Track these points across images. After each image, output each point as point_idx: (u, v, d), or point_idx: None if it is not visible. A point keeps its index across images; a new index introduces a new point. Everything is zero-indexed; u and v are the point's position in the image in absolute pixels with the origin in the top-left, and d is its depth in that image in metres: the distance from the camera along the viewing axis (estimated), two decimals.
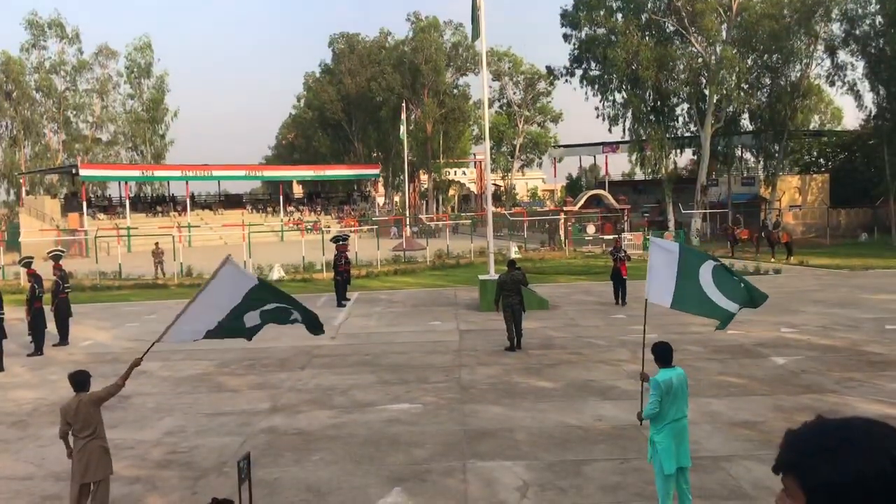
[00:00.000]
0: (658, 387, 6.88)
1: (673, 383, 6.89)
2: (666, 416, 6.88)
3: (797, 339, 15.47)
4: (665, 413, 6.88)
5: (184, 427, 10.72)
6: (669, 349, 7.19)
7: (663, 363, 7.11)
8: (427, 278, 29.94)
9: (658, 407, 6.87)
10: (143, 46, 69.18)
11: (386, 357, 14.96)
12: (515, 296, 15.18)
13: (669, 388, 6.86)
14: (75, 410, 7.09)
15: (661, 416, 6.90)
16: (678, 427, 6.93)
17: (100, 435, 7.21)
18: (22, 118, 63.98)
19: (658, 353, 7.19)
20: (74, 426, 7.09)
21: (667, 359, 7.12)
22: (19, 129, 64.15)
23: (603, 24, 45.84)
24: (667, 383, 6.87)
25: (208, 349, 16.36)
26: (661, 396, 6.85)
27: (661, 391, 6.85)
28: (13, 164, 64.04)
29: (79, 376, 7.42)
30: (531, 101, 75.77)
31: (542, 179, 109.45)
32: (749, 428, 9.85)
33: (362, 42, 77.67)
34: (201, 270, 30.85)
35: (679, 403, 6.95)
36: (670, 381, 6.89)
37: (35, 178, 64.52)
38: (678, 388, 6.93)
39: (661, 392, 6.85)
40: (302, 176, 72.75)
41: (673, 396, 6.90)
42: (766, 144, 47.82)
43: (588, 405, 11.11)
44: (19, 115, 63.85)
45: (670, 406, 6.89)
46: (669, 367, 7.06)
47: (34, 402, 12.47)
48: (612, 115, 48.47)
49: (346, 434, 10.10)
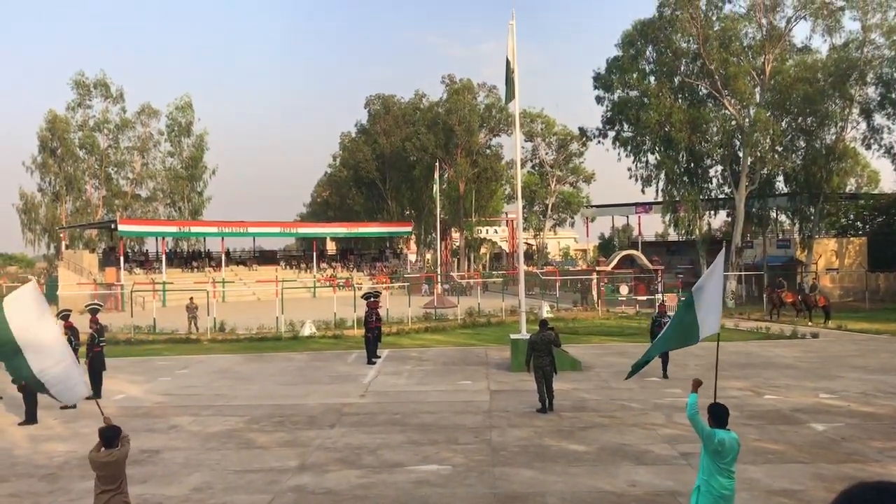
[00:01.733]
0: (711, 436, 6.94)
1: (725, 444, 6.91)
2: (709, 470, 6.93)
3: (837, 405, 15.07)
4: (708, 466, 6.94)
5: (212, 484, 10.66)
6: (726, 411, 7.20)
7: (718, 424, 7.10)
8: (458, 336, 29.80)
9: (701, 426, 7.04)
10: (184, 106, 71.02)
11: (416, 416, 14.82)
12: (547, 356, 15.04)
13: (720, 448, 6.89)
14: (104, 464, 7.19)
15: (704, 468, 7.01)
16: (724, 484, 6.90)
17: (123, 490, 7.41)
18: (65, 174, 65.66)
19: (714, 413, 7.19)
20: (101, 479, 7.20)
21: (722, 420, 7.13)
22: (62, 184, 65.80)
23: (636, 86, 46.22)
24: (719, 442, 6.90)
25: (238, 405, 16.40)
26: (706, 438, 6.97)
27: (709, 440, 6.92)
28: (55, 219, 65.52)
29: (109, 432, 7.52)
30: (563, 161, 76.14)
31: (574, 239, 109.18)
32: (788, 497, 9.55)
33: (397, 103, 79.02)
34: (234, 325, 31.06)
35: (725, 465, 6.95)
36: (721, 442, 6.91)
37: (75, 233, 65.85)
38: (730, 449, 6.94)
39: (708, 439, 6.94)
40: (335, 233, 73.43)
41: (721, 456, 6.91)
42: (802, 207, 47.39)
43: (622, 470, 10.87)
44: (62, 172, 65.57)
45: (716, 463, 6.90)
46: (724, 430, 7.05)
47: (65, 454, 12.51)
48: (645, 176, 48.51)
49: (374, 495, 9.97)
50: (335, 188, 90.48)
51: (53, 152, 65.22)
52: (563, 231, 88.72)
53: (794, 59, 45.03)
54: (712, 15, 44.13)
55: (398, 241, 77.03)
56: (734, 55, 42.99)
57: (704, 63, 43.06)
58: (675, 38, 44.29)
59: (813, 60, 44.05)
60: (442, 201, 63.58)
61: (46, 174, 65.86)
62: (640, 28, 45.49)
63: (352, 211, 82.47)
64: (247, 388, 18.67)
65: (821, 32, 43.69)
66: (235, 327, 30.92)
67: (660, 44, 45.29)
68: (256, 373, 21.08)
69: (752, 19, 43.43)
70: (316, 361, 23.29)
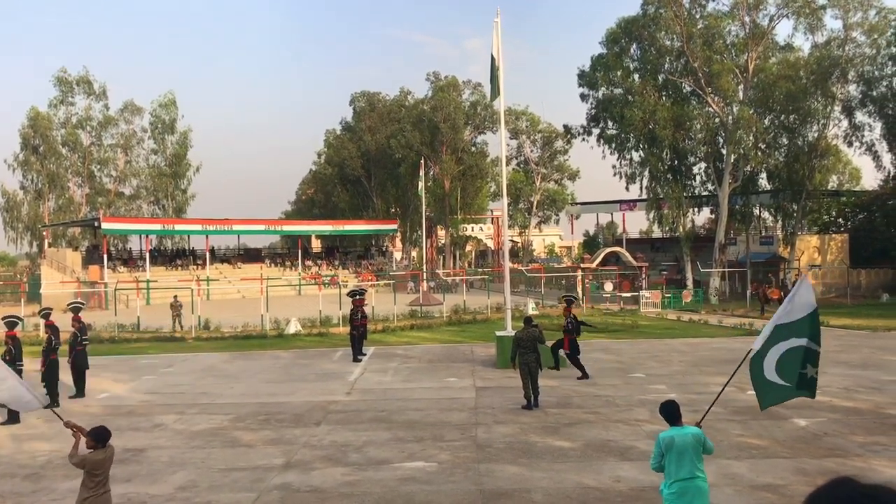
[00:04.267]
0: (658, 443, 7.04)
1: (675, 441, 6.90)
2: (671, 474, 6.90)
3: (819, 400, 15.13)
4: (670, 470, 6.92)
5: (196, 482, 10.63)
6: (675, 407, 7.21)
7: (669, 421, 7.14)
8: (443, 334, 29.83)
9: (657, 461, 7.04)
10: (168, 103, 70.73)
11: (401, 413, 14.83)
12: (532, 353, 15.08)
13: (670, 446, 6.90)
14: (100, 462, 7.32)
15: (667, 473, 6.96)
16: (687, 486, 6.85)
17: (108, 488, 7.48)
18: (48, 172, 65.21)
19: (663, 411, 7.26)
20: (97, 478, 7.28)
21: (671, 417, 7.15)
22: (45, 182, 65.33)
23: (620, 84, 46.45)
24: (666, 440, 6.94)
25: (223, 403, 16.35)
26: (660, 452, 6.99)
27: (660, 447, 6.98)
28: (37, 217, 65.05)
29: (104, 432, 7.57)
30: (548, 158, 76.30)
31: (559, 236, 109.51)
32: (771, 492, 9.64)
33: (383, 100, 78.94)
34: (219, 323, 30.95)
35: (685, 463, 6.88)
36: (671, 439, 6.92)
37: (58, 231, 65.41)
38: (683, 446, 6.89)
39: (659, 448, 7.00)
40: (321, 231, 73.27)
41: (677, 454, 6.89)
42: (785, 204, 47.75)
43: (607, 466, 10.93)
44: (45, 169, 65.10)
45: (674, 464, 6.89)
46: (678, 426, 7.06)
47: (49, 454, 12.43)
48: (630, 174, 48.81)
49: (360, 492, 9.97)
50: (320, 186, 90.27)
51: (36, 150, 64.77)
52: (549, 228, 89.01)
53: (777, 56, 45.36)
54: (696, 13, 44.40)
55: (384, 239, 77.01)
56: (718, 53, 43.28)
57: (688, 61, 43.31)
58: (659, 36, 44.53)
59: (795, 58, 44.40)
60: (427, 199, 63.58)
61: (29, 172, 65.39)
62: (625, 26, 45.70)
63: (337, 208, 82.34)
64: (232, 386, 18.61)
65: (803, 31, 44.14)
66: (220, 325, 30.82)
67: (644, 41, 45.53)
68: (242, 371, 21.02)
69: (735, 17, 43.72)
70: (301, 359, 23.25)
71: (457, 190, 72.23)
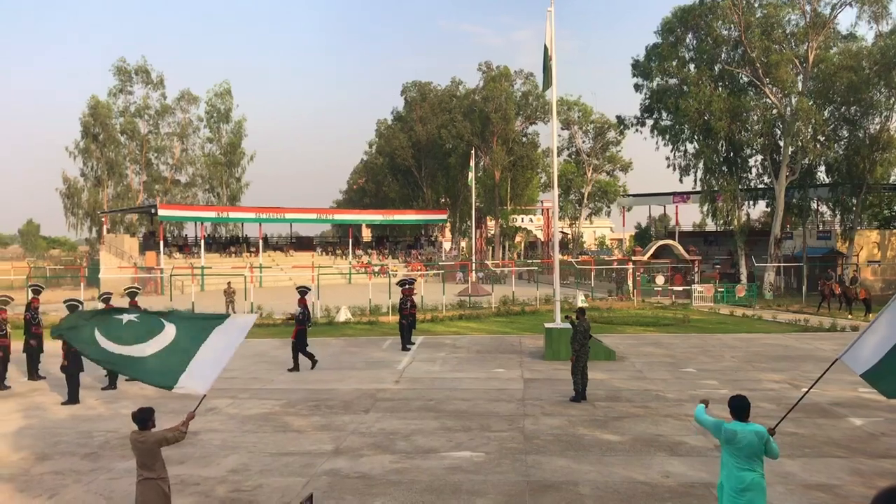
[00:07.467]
0: (717, 424, 7.05)
1: (737, 435, 6.83)
2: (729, 468, 6.88)
3: (875, 399, 14.81)
4: (728, 464, 6.90)
5: (248, 465, 10.84)
6: (745, 402, 7.08)
7: (737, 415, 7.03)
8: (492, 324, 29.82)
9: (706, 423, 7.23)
10: (224, 92, 71.78)
11: (449, 403, 14.90)
12: (583, 345, 15.03)
13: (731, 439, 6.84)
14: (139, 448, 7.11)
15: (725, 466, 6.96)
16: (741, 478, 6.78)
17: (161, 475, 7.15)
18: (107, 159, 66.87)
19: (732, 404, 7.12)
20: (138, 462, 7.13)
21: (740, 411, 7.03)
22: (104, 169, 67.00)
23: (675, 74, 45.66)
24: (728, 432, 6.88)
25: (274, 389, 16.62)
26: (714, 430, 7.07)
27: (718, 432, 7.01)
28: (97, 203, 66.74)
29: (142, 414, 7.28)
30: (600, 149, 75.47)
31: (609, 228, 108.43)
32: (825, 491, 9.45)
33: (434, 90, 78.99)
34: (271, 310, 31.42)
35: (742, 458, 6.82)
36: (733, 433, 6.85)
37: (116, 217, 66.98)
38: (745, 442, 6.81)
39: (717, 429, 7.03)
40: (371, 220, 73.73)
41: (737, 449, 6.83)
42: (843, 197, 46.49)
43: (655, 461, 10.84)
44: (104, 157, 66.77)
45: (734, 457, 6.85)
46: (744, 422, 6.95)
47: (106, 434, 12.80)
48: (684, 166, 47.99)
49: (407, 480, 10.06)
50: (371, 175, 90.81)
51: (96, 138, 66.40)
52: (599, 220, 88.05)
53: (839, 46, 44.05)
54: (754, 1, 43.40)
55: (433, 229, 77.14)
56: (776, 43, 42.23)
57: (746, 51, 42.37)
58: (715, 26, 43.62)
59: (858, 48, 43.05)
60: (477, 189, 63.50)
61: (89, 159, 67.09)
62: (680, 15, 44.87)
63: (387, 198, 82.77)
64: (283, 372, 18.91)
65: (867, 19, 42.69)
66: (272, 312, 31.27)
67: (700, 31, 44.65)
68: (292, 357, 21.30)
69: (795, 6, 42.60)
70: (351, 347, 23.49)
71: (507, 180, 71.98)
